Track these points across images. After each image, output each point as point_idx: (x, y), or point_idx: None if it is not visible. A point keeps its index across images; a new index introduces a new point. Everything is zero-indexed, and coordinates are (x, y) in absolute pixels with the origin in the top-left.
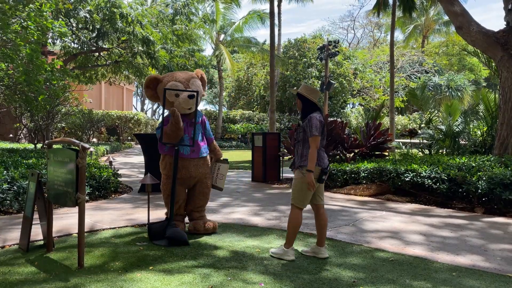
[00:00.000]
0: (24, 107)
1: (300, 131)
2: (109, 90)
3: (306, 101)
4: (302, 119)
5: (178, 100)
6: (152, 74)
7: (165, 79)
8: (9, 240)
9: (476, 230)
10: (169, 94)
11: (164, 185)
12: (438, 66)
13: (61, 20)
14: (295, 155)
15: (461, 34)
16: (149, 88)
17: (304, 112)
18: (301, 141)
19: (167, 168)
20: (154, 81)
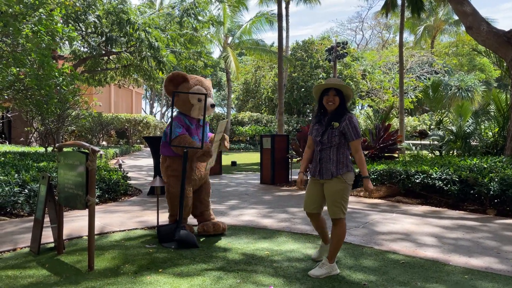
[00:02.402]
0: (35, 111)
1: (334, 134)
2: (119, 93)
3: (343, 98)
4: (332, 120)
5: (199, 105)
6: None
7: (192, 81)
8: (20, 242)
9: (488, 232)
10: (192, 97)
11: (173, 188)
12: (448, 67)
13: (71, 25)
14: (321, 162)
15: (471, 34)
16: (172, 84)
17: (339, 112)
18: (335, 145)
19: (178, 170)
20: (180, 78)
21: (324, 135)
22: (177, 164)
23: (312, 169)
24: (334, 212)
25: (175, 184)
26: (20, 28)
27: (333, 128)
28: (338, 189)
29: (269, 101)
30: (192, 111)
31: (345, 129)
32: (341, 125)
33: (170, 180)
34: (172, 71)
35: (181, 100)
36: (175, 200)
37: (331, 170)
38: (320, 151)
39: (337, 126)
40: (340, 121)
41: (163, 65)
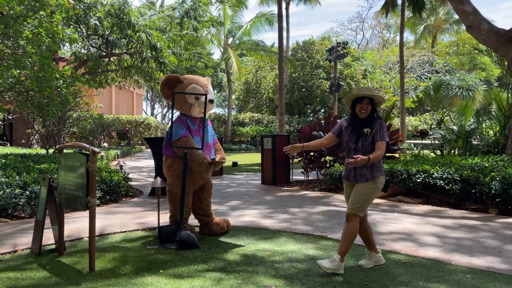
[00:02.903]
0: (36, 113)
1: (368, 140)
2: (119, 94)
3: (374, 106)
4: (364, 126)
5: (198, 102)
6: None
7: (186, 80)
8: (21, 244)
9: (490, 231)
10: (189, 97)
11: (174, 188)
12: (449, 66)
13: (72, 27)
14: (355, 168)
15: (472, 33)
16: (166, 87)
17: (371, 119)
18: (369, 151)
19: (178, 170)
20: (174, 81)
21: (358, 142)
22: (178, 164)
23: (346, 173)
24: (353, 207)
25: (176, 184)
26: (21, 30)
27: (366, 135)
28: (366, 189)
29: (270, 101)
30: (192, 110)
31: (375, 133)
32: (372, 131)
33: (171, 180)
34: (167, 74)
35: (179, 101)
36: (175, 199)
37: (366, 174)
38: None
39: (369, 131)
40: (372, 127)
41: (164, 66)
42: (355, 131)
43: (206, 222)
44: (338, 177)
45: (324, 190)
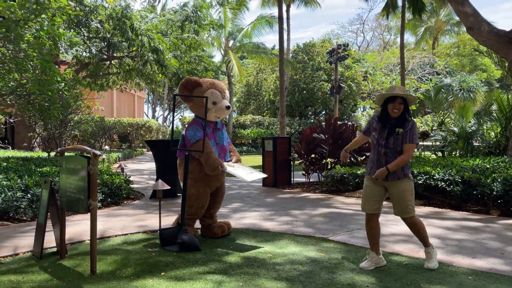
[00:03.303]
0: (37, 116)
1: (399, 139)
2: (121, 97)
3: (406, 105)
4: (397, 126)
5: (215, 107)
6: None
7: (205, 85)
8: (23, 247)
9: (492, 232)
10: (208, 100)
11: (190, 190)
12: (450, 67)
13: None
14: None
15: (472, 34)
16: (186, 90)
17: (403, 118)
18: (400, 149)
19: (195, 172)
20: (194, 84)
21: (389, 140)
22: (194, 167)
23: (374, 170)
24: (405, 211)
25: (192, 186)
26: (22, 33)
27: (398, 134)
28: (406, 189)
29: (271, 103)
30: (208, 114)
31: (407, 134)
32: (405, 131)
33: (188, 182)
34: (187, 77)
35: (197, 105)
36: (190, 201)
37: (398, 172)
38: (384, 154)
39: (401, 131)
40: (404, 127)
41: (165, 69)
42: (386, 129)
43: (209, 224)
44: (339, 179)
45: (325, 192)
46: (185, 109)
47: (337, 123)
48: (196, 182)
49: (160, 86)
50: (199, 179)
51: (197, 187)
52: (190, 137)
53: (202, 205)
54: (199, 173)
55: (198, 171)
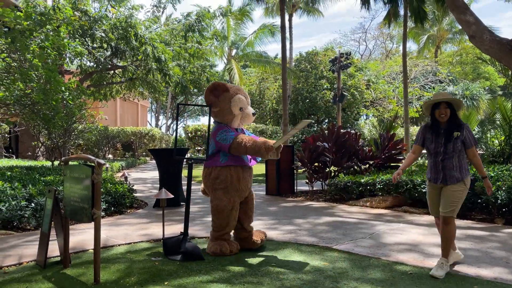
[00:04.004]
0: (41, 125)
1: (457, 143)
2: (124, 106)
3: (454, 109)
4: (450, 130)
5: (242, 114)
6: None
7: (232, 90)
8: (27, 256)
9: (497, 241)
10: (234, 107)
11: (222, 201)
12: (453, 76)
13: (77, 40)
14: (444, 170)
15: (475, 43)
16: (213, 94)
17: (455, 122)
18: (457, 153)
19: (226, 182)
20: (221, 88)
21: (448, 146)
22: (225, 175)
23: (433, 177)
24: (448, 210)
25: (224, 196)
26: (27, 44)
27: (456, 138)
28: (458, 190)
29: (274, 112)
30: (233, 121)
31: (465, 137)
32: (462, 135)
33: (218, 193)
34: (215, 81)
35: (223, 111)
36: (223, 214)
37: (456, 176)
38: (442, 160)
39: (458, 135)
40: (460, 131)
41: (169, 78)
42: (442, 136)
43: (245, 236)
44: (342, 187)
45: (328, 200)
46: (188, 117)
47: (340, 131)
48: (227, 193)
49: (164, 95)
50: (231, 189)
51: (228, 198)
52: (223, 140)
53: (235, 217)
54: (230, 182)
55: (229, 180)
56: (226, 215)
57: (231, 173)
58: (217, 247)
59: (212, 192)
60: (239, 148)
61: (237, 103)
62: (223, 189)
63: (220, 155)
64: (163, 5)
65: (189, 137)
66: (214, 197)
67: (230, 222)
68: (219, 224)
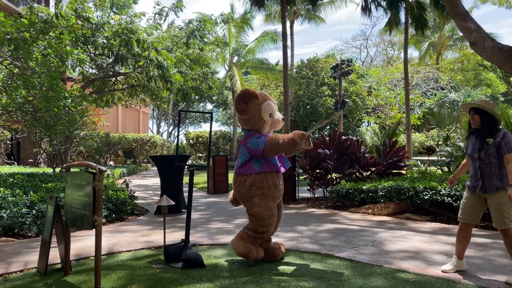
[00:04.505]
0: (43, 132)
1: (491, 149)
2: (126, 113)
3: (488, 115)
4: (485, 136)
5: (272, 120)
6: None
7: (261, 96)
8: (28, 263)
9: (500, 249)
10: (265, 113)
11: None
12: (454, 82)
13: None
14: (483, 178)
15: (476, 49)
16: (243, 101)
17: (488, 128)
18: (494, 160)
19: (263, 188)
20: (251, 95)
21: (481, 152)
22: (261, 181)
23: (472, 185)
24: (503, 223)
25: (262, 203)
26: (31, 52)
27: (488, 145)
28: (504, 201)
29: None
30: (264, 127)
31: (500, 144)
32: (495, 141)
33: (255, 200)
34: (244, 88)
35: (254, 118)
36: (264, 221)
37: (495, 184)
38: (480, 168)
39: (492, 142)
40: (494, 137)
41: (171, 85)
42: (477, 141)
43: (266, 247)
44: (344, 194)
45: (330, 207)
46: (189, 124)
47: (342, 138)
48: (265, 199)
49: (165, 102)
50: (268, 195)
51: (266, 204)
52: (255, 147)
53: (273, 224)
54: (267, 188)
55: (266, 186)
56: (267, 221)
57: (267, 179)
58: (245, 250)
59: (248, 200)
60: (274, 148)
61: (267, 109)
62: (260, 196)
63: (253, 162)
64: (165, 13)
65: (191, 143)
66: (252, 205)
67: (269, 229)
68: (260, 231)
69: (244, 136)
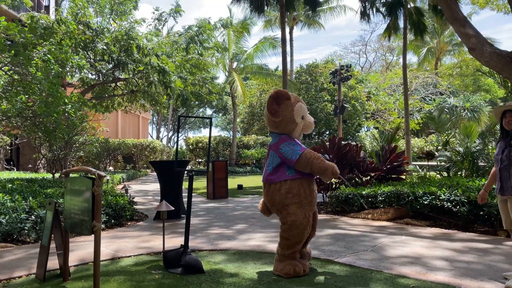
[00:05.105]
0: (43, 138)
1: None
2: (125, 118)
3: None
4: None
5: (304, 122)
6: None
7: (293, 97)
8: (26, 269)
9: (500, 254)
10: (297, 115)
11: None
12: (453, 88)
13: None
14: (501, 180)
15: (474, 55)
16: (276, 102)
17: None
18: None
19: (299, 195)
20: (284, 96)
21: (504, 153)
22: (298, 187)
23: (496, 187)
24: None
25: (299, 211)
26: (31, 57)
27: (511, 146)
28: None
29: None
30: (295, 130)
31: None
32: None
33: (292, 208)
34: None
35: (286, 120)
36: (299, 230)
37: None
38: (500, 170)
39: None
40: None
41: (170, 90)
42: (506, 143)
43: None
44: (344, 199)
45: (330, 213)
46: (189, 129)
47: (341, 143)
48: (302, 207)
49: (165, 107)
50: (304, 203)
51: (303, 212)
52: (289, 154)
53: (306, 233)
54: (304, 195)
55: (303, 193)
56: (302, 231)
57: (303, 186)
58: (290, 267)
59: (283, 209)
60: (307, 165)
61: (299, 111)
62: (297, 204)
63: (285, 167)
64: (164, 18)
65: (190, 149)
66: (288, 213)
67: (303, 238)
68: (294, 242)
69: (274, 140)
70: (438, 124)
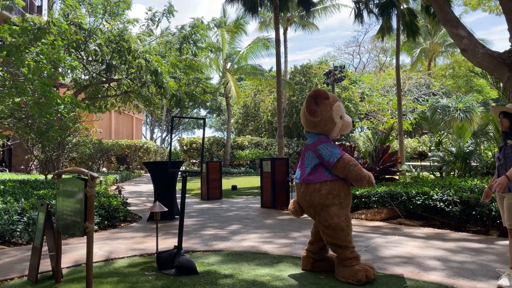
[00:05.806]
0: (35, 139)
1: (508, 151)
2: (119, 119)
3: None
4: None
5: (342, 122)
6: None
7: (331, 97)
8: (18, 271)
9: (493, 254)
10: (336, 115)
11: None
12: (446, 88)
13: (73, 55)
14: (497, 177)
15: (467, 56)
16: (314, 102)
17: None
18: (509, 162)
19: (340, 197)
20: (323, 96)
21: (500, 152)
22: (339, 188)
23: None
24: (508, 221)
25: (340, 213)
26: (23, 58)
27: (507, 145)
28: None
29: (269, 124)
30: (334, 130)
31: None
32: None
33: (333, 210)
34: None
35: (325, 120)
36: (345, 232)
37: (508, 185)
38: (497, 168)
39: (511, 143)
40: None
41: (164, 91)
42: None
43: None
44: None
45: None
46: (183, 130)
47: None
48: (342, 209)
49: (158, 108)
50: (344, 204)
51: (345, 214)
52: (327, 156)
53: (351, 232)
54: (344, 197)
55: (343, 194)
56: (348, 232)
57: (343, 187)
58: (362, 273)
59: (324, 210)
60: (343, 169)
61: (338, 111)
62: (338, 206)
63: (323, 168)
64: (157, 18)
65: (184, 150)
66: (330, 215)
67: (351, 239)
68: (345, 244)
69: (312, 140)
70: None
